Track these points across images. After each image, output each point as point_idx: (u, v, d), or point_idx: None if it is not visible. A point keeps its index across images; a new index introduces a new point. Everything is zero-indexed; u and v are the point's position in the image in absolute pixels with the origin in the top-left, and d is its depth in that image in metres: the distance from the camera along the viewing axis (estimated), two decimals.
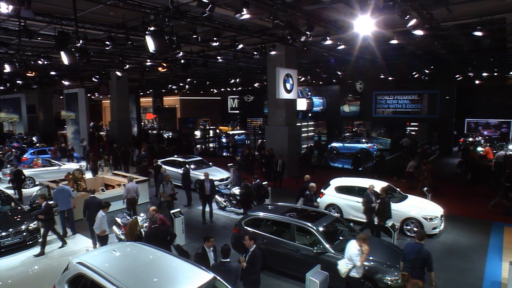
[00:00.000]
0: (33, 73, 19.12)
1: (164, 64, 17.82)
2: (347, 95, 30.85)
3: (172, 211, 10.58)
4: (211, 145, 35.26)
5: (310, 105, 33.13)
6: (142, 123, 46.99)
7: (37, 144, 28.57)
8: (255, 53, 16.18)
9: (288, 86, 16.47)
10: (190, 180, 14.94)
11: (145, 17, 11.34)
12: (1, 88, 30.94)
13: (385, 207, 9.92)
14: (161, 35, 9.20)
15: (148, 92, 43.39)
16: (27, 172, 17.20)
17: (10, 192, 16.37)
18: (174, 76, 33.99)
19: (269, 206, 10.13)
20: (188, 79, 32.07)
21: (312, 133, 34.92)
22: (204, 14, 9.40)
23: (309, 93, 33.31)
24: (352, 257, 6.88)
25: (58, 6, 11.82)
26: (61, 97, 42.33)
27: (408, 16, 9.39)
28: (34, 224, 10.69)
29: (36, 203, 11.88)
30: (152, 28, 9.59)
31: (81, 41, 10.37)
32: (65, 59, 10.22)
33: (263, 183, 14.04)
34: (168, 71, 18.94)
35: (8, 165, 19.14)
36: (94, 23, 12.56)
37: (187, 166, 16.44)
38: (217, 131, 40.86)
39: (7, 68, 12.04)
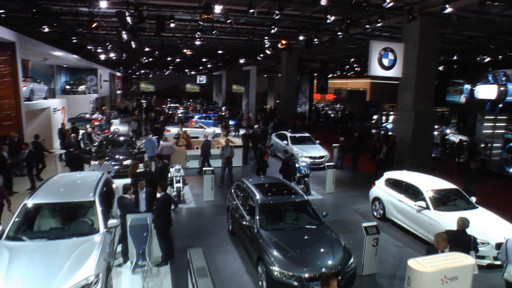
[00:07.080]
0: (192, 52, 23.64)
1: (284, 42, 18.50)
2: None
3: (204, 168, 11.89)
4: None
5: (503, 94, 26.07)
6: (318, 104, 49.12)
7: (222, 113, 34.80)
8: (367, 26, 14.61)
9: (385, 62, 14.09)
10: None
11: None
12: (209, 66, 39.40)
13: None
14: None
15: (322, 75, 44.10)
16: (175, 129, 22.08)
17: None
18: (342, 56, 33.43)
19: (263, 178, 9.91)
20: (352, 59, 31.07)
21: (504, 130, 27.31)
22: None
23: (504, 78, 26.14)
24: None
25: None
26: (265, 75, 49.25)
27: None
28: (128, 161, 14.23)
29: (142, 149, 15.59)
30: None
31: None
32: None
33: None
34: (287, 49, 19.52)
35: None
36: None
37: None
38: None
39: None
